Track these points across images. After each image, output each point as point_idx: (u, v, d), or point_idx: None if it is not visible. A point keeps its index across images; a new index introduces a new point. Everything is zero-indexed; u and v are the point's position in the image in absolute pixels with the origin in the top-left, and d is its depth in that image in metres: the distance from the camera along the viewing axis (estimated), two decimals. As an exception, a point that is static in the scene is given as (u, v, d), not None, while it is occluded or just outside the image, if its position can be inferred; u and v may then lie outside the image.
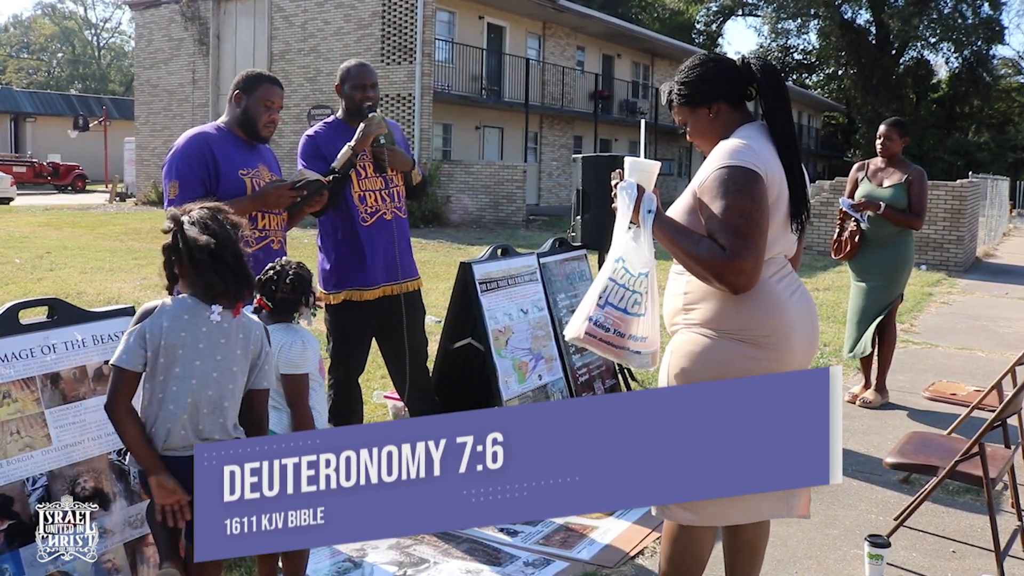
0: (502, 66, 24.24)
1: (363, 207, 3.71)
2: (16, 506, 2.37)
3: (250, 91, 3.26)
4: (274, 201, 3.20)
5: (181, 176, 3.14)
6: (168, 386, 2.16)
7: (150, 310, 2.19)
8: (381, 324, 3.88)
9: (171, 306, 2.19)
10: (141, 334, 2.15)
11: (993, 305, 10.12)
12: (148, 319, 2.17)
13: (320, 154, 3.67)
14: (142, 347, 2.15)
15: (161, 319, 2.16)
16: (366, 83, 3.72)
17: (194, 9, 23.98)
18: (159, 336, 2.15)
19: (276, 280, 2.64)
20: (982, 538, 3.43)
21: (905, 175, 5.31)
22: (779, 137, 2.31)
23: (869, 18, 45.84)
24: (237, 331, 2.24)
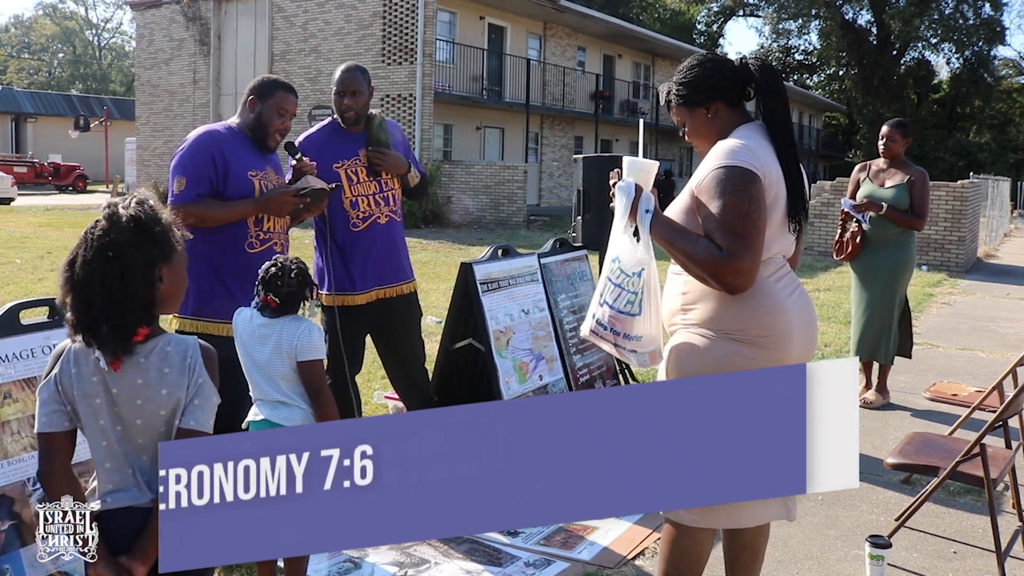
0: (503, 66, 24.24)
1: (355, 212, 3.70)
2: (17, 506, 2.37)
3: (265, 98, 3.25)
4: (277, 207, 3.19)
5: (188, 171, 3.12)
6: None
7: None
8: (375, 326, 3.88)
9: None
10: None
11: (994, 306, 10.12)
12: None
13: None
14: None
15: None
16: (345, 90, 3.67)
17: (195, 9, 23.99)
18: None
19: (280, 276, 2.60)
20: (983, 539, 3.43)
21: (907, 176, 5.31)
22: (777, 137, 2.31)
23: (870, 19, 45.83)
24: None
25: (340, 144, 3.73)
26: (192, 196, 3.10)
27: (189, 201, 3.09)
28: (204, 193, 3.11)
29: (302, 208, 3.29)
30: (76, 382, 1.78)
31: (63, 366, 1.78)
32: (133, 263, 1.72)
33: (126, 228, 1.73)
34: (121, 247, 1.72)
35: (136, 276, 1.73)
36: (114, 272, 1.71)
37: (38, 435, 1.82)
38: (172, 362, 1.80)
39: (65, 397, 1.79)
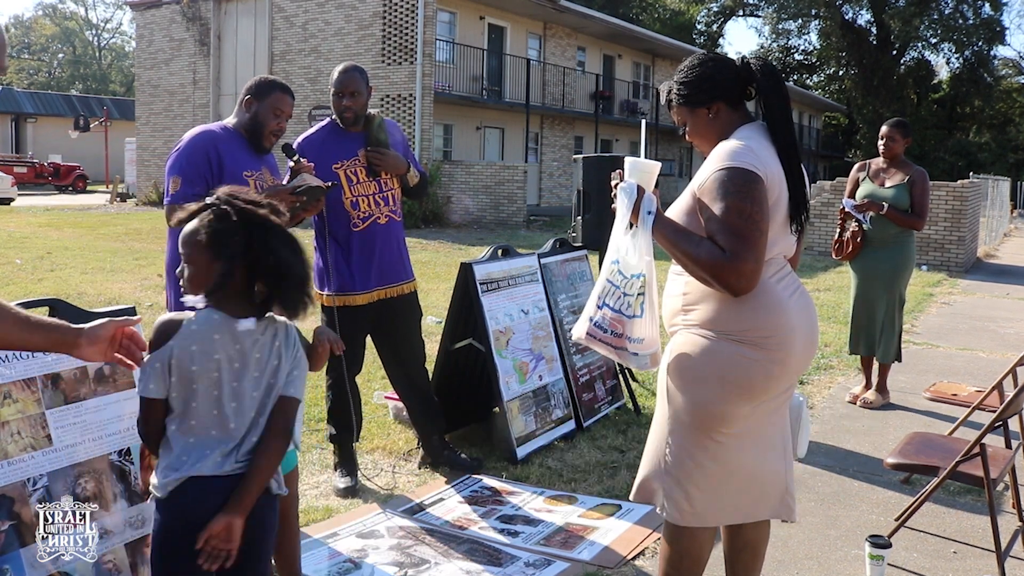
0: (503, 66, 24.24)
1: (355, 212, 3.71)
2: (17, 507, 2.37)
3: (261, 98, 3.25)
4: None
5: (183, 171, 3.13)
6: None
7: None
8: (375, 326, 3.88)
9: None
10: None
11: (994, 306, 10.12)
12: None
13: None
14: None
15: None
16: (347, 91, 3.68)
17: (195, 9, 23.99)
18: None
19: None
20: (983, 539, 3.42)
21: (907, 176, 5.31)
22: (779, 138, 2.31)
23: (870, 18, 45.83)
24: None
25: (339, 144, 3.73)
26: (187, 196, 3.09)
27: (184, 200, 3.08)
28: (199, 193, 3.10)
29: (299, 207, 3.29)
30: (197, 356, 1.89)
31: (181, 342, 1.88)
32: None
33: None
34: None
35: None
36: (299, 247, 1.96)
37: (145, 400, 1.93)
38: (280, 336, 1.99)
39: (175, 370, 1.89)
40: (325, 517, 3.54)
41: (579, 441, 4.55)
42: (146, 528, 2.66)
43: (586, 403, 4.83)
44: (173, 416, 1.94)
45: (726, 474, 2.29)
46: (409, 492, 3.85)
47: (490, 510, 3.66)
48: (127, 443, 2.68)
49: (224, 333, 1.91)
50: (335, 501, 3.71)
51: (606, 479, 4.03)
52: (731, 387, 2.23)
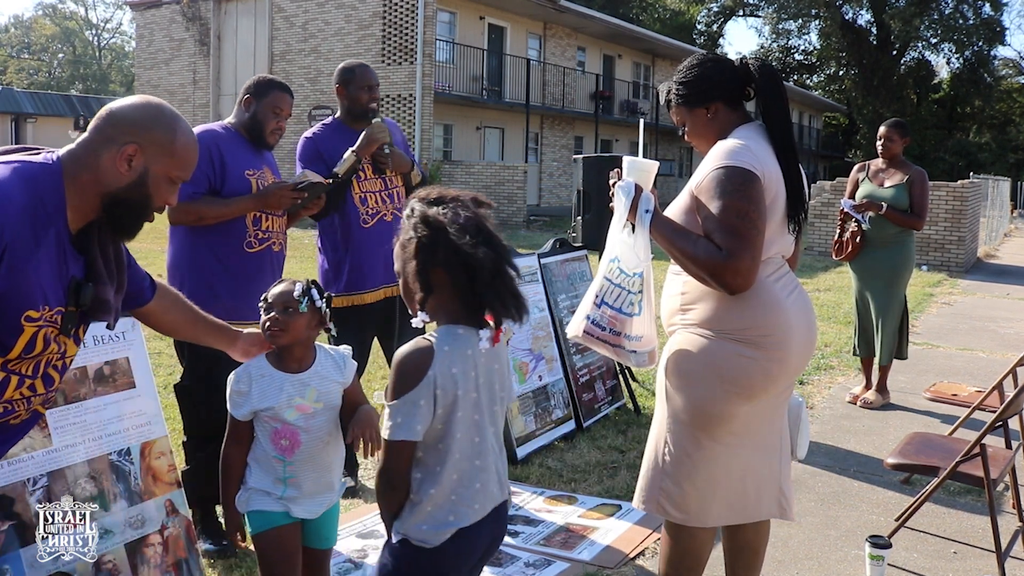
0: (503, 66, 24.24)
1: (364, 208, 3.72)
2: (17, 507, 2.37)
3: (260, 97, 3.25)
4: (275, 202, 3.19)
5: None
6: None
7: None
8: (381, 325, 3.88)
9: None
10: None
11: (994, 306, 10.12)
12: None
13: (319, 156, 3.68)
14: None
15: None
16: (372, 84, 3.75)
17: (195, 9, 24.00)
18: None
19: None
20: (983, 539, 3.42)
21: (906, 176, 5.32)
22: (777, 137, 2.31)
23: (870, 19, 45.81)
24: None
25: (347, 141, 3.74)
26: (188, 194, 3.08)
27: (186, 199, 3.06)
28: (200, 191, 3.10)
29: (300, 203, 3.29)
30: (460, 379, 1.72)
31: (440, 368, 1.70)
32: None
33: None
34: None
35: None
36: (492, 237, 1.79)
37: (398, 445, 1.71)
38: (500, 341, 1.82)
39: (441, 400, 1.71)
40: (325, 517, 3.53)
41: (579, 441, 4.55)
42: (146, 528, 2.66)
43: (586, 403, 4.83)
44: (428, 454, 1.74)
45: (724, 473, 2.29)
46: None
47: (490, 510, 3.65)
48: (127, 443, 2.68)
49: (474, 347, 1.75)
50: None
51: (606, 479, 4.03)
52: (729, 386, 2.23)
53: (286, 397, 2.18)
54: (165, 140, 1.77)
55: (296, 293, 2.20)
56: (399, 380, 1.71)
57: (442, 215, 1.72)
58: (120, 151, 1.73)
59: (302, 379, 2.21)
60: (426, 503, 1.74)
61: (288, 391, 2.19)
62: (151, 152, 1.76)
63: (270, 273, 3.30)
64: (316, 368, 2.24)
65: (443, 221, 1.71)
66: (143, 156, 1.75)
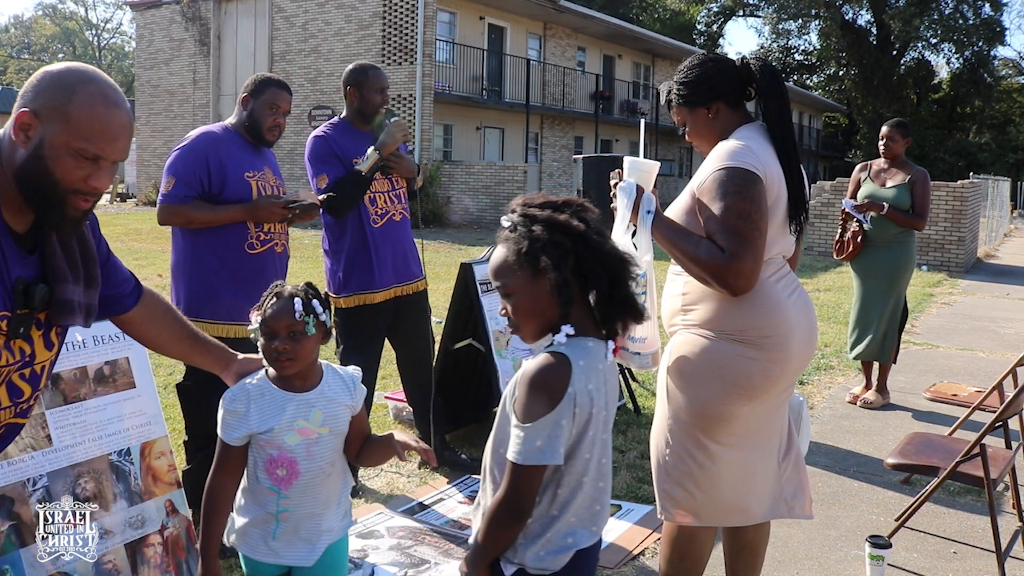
0: (503, 67, 24.24)
1: (374, 209, 3.74)
2: (17, 507, 2.37)
3: (257, 95, 3.26)
4: (265, 215, 3.20)
5: (178, 173, 3.14)
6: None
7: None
8: (392, 324, 3.89)
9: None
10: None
11: (994, 306, 10.11)
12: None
13: (334, 154, 3.68)
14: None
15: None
16: (384, 86, 3.79)
17: (195, 10, 23.99)
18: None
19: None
20: (983, 539, 3.42)
21: (908, 176, 5.32)
22: (778, 138, 2.31)
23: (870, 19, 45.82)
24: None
25: (355, 142, 3.75)
26: (179, 197, 3.12)
27: (176, 202, 3.11)
28: (191, 195, 3.12)
29: (291, 218, 3.30)
30: (596, 395, 1.60)
31: (577, 385, 1.56)
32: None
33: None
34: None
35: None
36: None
37: (535, 469, 1.56)
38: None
39: (578, 419, 1.58)
40: (325, 517, 3.53)
41: (579, 441, 4.55)
42: (146, 528, 2.66)
43: (586, 403, 4.83)
44: (552, 476, 1.61)
45: (726, 474, 2.29)
46: (409, 492, 3.85)
47: (490, 510, 3.65)
48: (127, 443, 2.68)
49: (602, 361, 1.63)
50: (335, 501, 3.71)
51: (606, 479, 4.03)
52: (730, 387, 2.23)
53: (288, 419, 1.92)
54: (59, 103, 1.46)
55: (299, 314, 1.90)
56: (537, 398, 1.55)
57: (577, 221, 1.60)
58: (15, 120, 1.48)
59: (308, 399, 1.95)
60: (547, 530, 1.62)
61: (291, 412, 1.93)
62: (46, 118, 1.47)
63: (273, 274, 3.31)
64: (323, 388, 1.97)
65: (582, 227, 1.59)
66: (40, 124, 1.47)
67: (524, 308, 1.63)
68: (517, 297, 1.63)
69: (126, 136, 1.53)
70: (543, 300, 1.60)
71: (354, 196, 3.61)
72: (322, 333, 1.96)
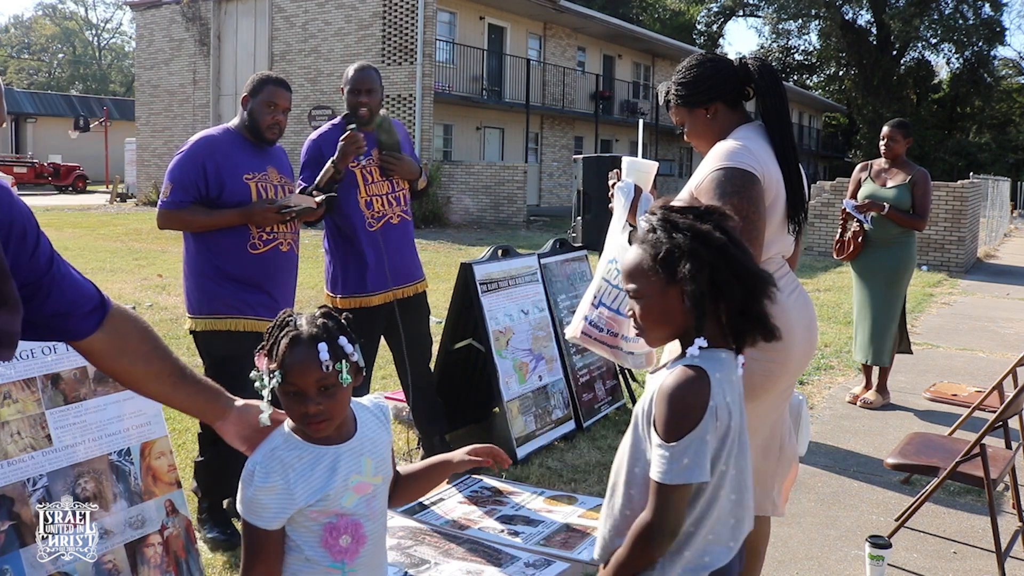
0: (503, 67, 24.24)
1: (369, 212, 3.73)
2: (17, 507, 2.37)
3: (255, 94, 3.28)
4: (260, 220, 3.23)
5: (176, 179, 3.21)
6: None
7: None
8: (388, 326, 3.89)
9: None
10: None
11: (994, 306, 10.11)
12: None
13: (322, 158, 3.68)
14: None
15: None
16: (364, 88, 3.70)
17: (195, 10, 23.99)
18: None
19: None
20: (983, 539, 3.43)
21: (909, 176, 5.32)
22: (777, 138, 2.31)
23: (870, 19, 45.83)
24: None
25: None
26: (176, 202, 3.19)
27: (173, 207, 3.19)
28: (188, 200, 3.19)
29: (287, 220, 3.31)
30: (734, 408, 1.56)
31: (716, 399, 1.51)
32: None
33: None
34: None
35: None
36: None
37: (683, 487, 1.50)
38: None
39: (718, 434, 1.53)
40: (325, 517, 3.53)
41: (579, 441, 4.55)
42: (146, 528, 2.66)
43: (586, 403, 4.83)
44: (699, 495, 1.56)
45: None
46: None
47: (490, 510, 3.65)
48: (127, 443, 2.68)
49: (735, 374, 1.59)
50: (335, 501, 3.71)
51: (606, 479, 4.02)
52: (730, 387, 2.23)
53: (342, 477, 1.58)
54: None
55: (326, 364, 1.52)
56: (680, 416, 1.50)
57: (718, 231, 1.55)
58: None
59: (353, 448, 1.62)
60: (685, 548, 1.57)
61: (343, 469, 1.59)
62: None
63: (279, 274, 3.33)
64: (362, 431, 1.65)
65: (722, 238, 1.54)
66: None
67: (653, 314, 1.59)
68: (647, 302, 1.58)
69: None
70: (674, 308, 1.55)
71: (325, 205, 3.57)
72: (356, 374, 1.59)
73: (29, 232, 1.44)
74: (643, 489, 1.57)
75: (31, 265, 1.44)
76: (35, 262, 1.45)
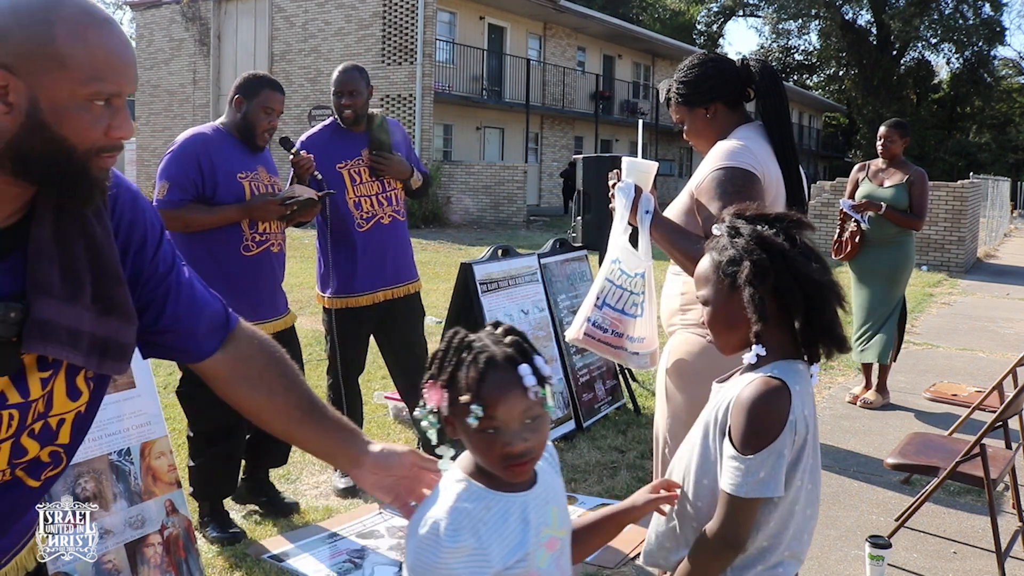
0: (503, 67, 24.24)
1: (358, 213, 3.71)
2: (16, 506, 2.37)
3: (251, 96, 3.23)
4: (261, 214, 3.19)
5: (172, 177, 3.13)
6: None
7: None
8: (379, 326, 3.88)
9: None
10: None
11: (994, 306, 10.11)
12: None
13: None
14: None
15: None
16: (343, 91, 3.66)
17: (195, 9, 23.99)
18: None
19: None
20: (983, 539, 3.42)
21: (906, 176, 5.32)
22: (777, 138, 2.31)
23: (870, 19, 45.83)
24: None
25: (342, 144, 3.73)
26: (174, 201, 3.10)
27: (171, 207, 3.09)
28: (186, 198, 3.11)
29: (289, 215, 3.28)
30: (811, 421, 1.51)
31: (797, 411, 1.47)
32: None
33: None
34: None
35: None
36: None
37: (752, 502, 1.46)
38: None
39: (794, 447, 1.48)
40: (325, 517, 3.54)
41: (579, 441, 4.55)
42: (146, 528, 2.66)
43: (586, 403, 4.83)
44: (764, 506, 1.50)
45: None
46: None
47: (490, 510, 3.65)
48: (127, 443, 2.68)
49: (810, 385, 1.54)
50: (335, 501, 3.71)
51: (606, 479, 4.03)
52: (730, 387, 2.22)
53: (534, 531, 1.29)
54: (39, 44, 1.04)
55: (534, 391, 1.24)
56: (760, 429, 1.46)
57: (781, 237, 1.51)
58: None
59: (539, 496, 1.33)
60: (756, 563, 1.53)
61: (533, 521, 1.30)
62: (30, 72, 1.04)
63: (271, 274, 3.31)
64: (542, 475, 1.36)
65: (785, 244, 1.50)
66: (22, 82, 1.04)
67: (718, 320, 1.57)
68: (713, 308, 1.57)
69: (133, 57, 1.14)
70: (738, 314, 1.52)
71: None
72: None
73: (150, 237, 1.31)
74: (710, 502, 1.53)
75: (149, 272, 1.30)
76: (152, 268, 1.30)
